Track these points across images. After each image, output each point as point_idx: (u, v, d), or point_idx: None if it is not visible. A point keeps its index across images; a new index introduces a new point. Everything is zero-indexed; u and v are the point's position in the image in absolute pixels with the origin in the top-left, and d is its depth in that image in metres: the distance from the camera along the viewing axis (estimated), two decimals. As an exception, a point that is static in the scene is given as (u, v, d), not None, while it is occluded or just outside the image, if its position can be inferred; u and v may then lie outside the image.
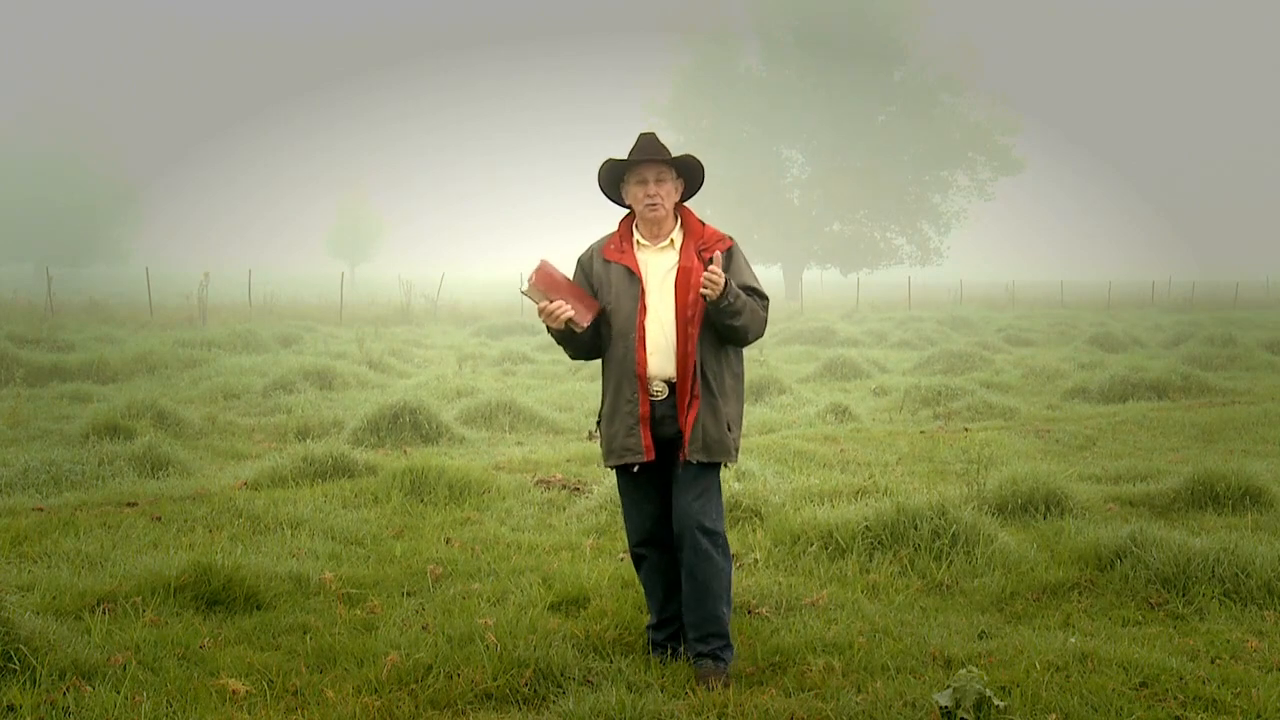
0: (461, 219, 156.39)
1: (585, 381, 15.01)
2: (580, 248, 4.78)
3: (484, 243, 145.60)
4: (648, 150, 4.55)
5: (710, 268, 4.36)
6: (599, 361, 4.68)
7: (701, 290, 4.35)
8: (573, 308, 4.48)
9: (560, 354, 19.58)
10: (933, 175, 52.61)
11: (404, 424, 10.44)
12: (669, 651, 4.65)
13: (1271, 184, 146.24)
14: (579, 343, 4.61)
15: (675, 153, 4.60)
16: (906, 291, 42.18)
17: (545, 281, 4.50)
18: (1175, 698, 4.24)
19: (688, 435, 4.45)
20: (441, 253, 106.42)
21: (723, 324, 4.44)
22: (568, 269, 4.68)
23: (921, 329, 25.84)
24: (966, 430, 11.26)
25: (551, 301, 4.46)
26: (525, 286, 4.52)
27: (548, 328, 4.55)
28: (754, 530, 6.55)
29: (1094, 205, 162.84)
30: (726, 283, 4.36)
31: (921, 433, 11.05)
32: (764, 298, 4.58)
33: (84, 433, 9.64)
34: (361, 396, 13.21)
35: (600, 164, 4.62)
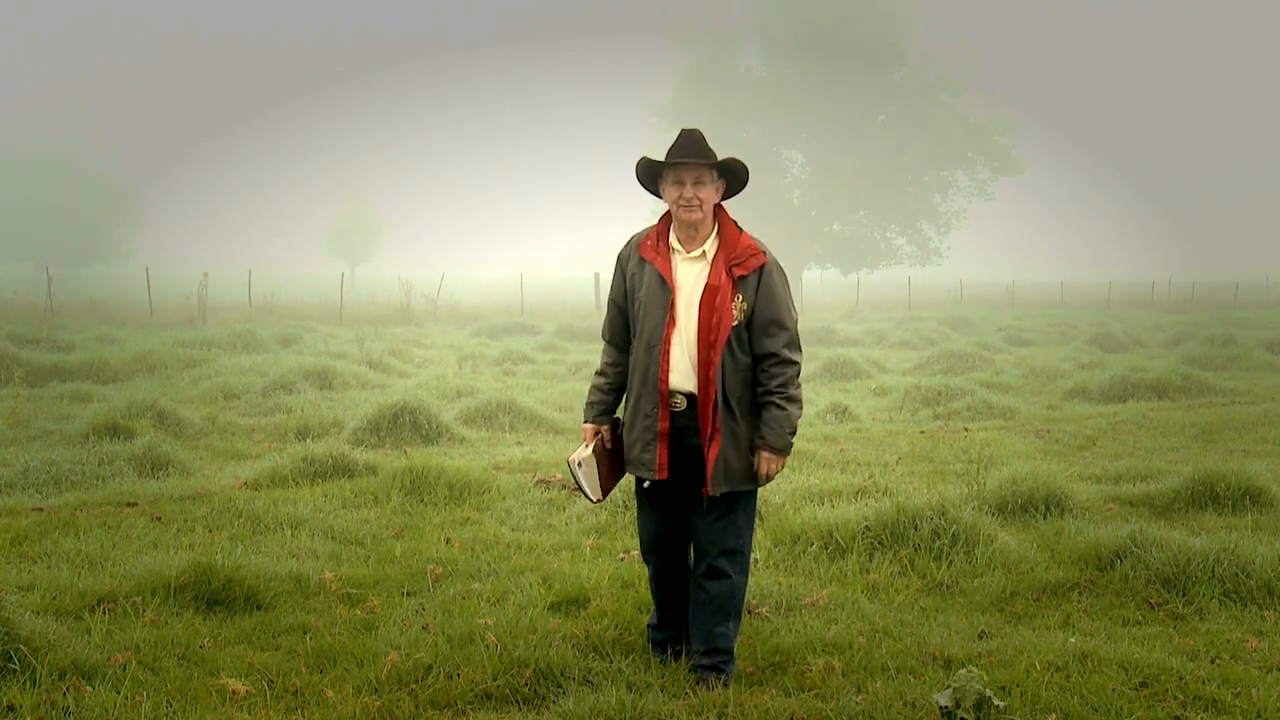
0: (461, 219, 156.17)
1: (585, 382, 15.00)
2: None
3: (484, 243, 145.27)
4: (687, 150, 4.28)
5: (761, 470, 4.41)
6: (602, 362, 4.63)
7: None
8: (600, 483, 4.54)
9: (560, 354, 19.63)
10: (933, 175, 52.52)
11: (404, 424, 10.44)
12: (669, 651, 4.63)
13: (1272, 184, 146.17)
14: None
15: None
16: (906, 291, 42.22)
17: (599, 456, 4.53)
18: (1175, 698, 4.24)
19: (710, 469, 4.26)
20: (441, 253, 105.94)
21: None
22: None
23: (921, 329, 25.85)
24: (966, 430, 11.26)
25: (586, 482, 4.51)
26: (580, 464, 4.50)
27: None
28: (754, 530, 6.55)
29: (1094, 205, 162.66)
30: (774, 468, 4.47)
31: (921, 433, 11.05)
32: (785, 329, 4.32)
33: (84, 433, 9.63)
34: (361, 396, 13.21)
35: (637, 160, 4.41)
